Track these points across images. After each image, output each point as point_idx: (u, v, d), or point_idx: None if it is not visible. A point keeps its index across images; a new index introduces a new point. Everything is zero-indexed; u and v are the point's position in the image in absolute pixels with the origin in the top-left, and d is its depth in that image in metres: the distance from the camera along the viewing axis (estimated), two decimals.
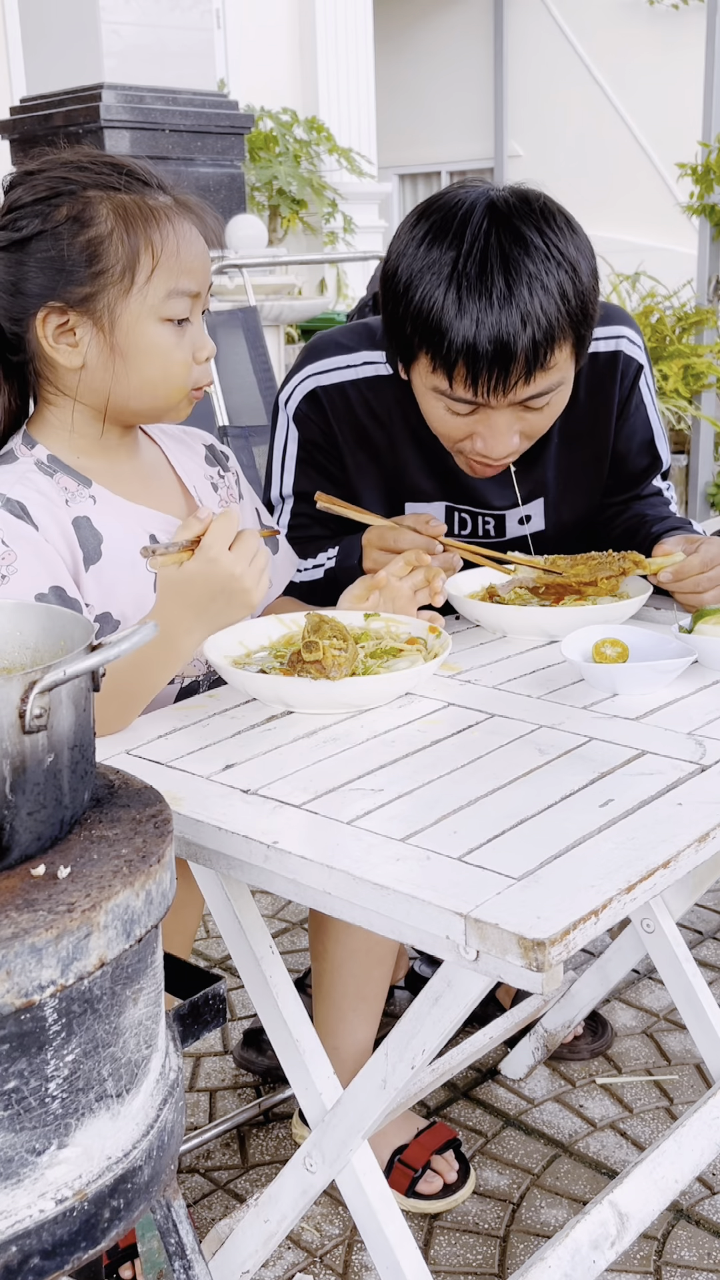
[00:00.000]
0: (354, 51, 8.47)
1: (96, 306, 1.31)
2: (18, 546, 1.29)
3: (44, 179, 1.33)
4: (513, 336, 1.43)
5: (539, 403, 1.51)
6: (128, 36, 4.15)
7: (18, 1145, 0.71)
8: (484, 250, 1.43)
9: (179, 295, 1.34)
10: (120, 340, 1.33)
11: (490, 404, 1.49)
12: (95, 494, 1.39)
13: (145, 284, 1.32)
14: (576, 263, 1.47)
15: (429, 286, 1.45)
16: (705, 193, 5.12)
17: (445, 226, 1.46)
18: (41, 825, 0.79)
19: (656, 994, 2.13)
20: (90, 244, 1.30)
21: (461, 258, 1.44)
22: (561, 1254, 1.23)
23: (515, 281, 1.42)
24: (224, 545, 1.21)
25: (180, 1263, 0.92)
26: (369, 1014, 1.60)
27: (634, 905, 0.92)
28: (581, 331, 1.50)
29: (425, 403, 1.56)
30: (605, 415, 1.78)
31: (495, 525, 1.79)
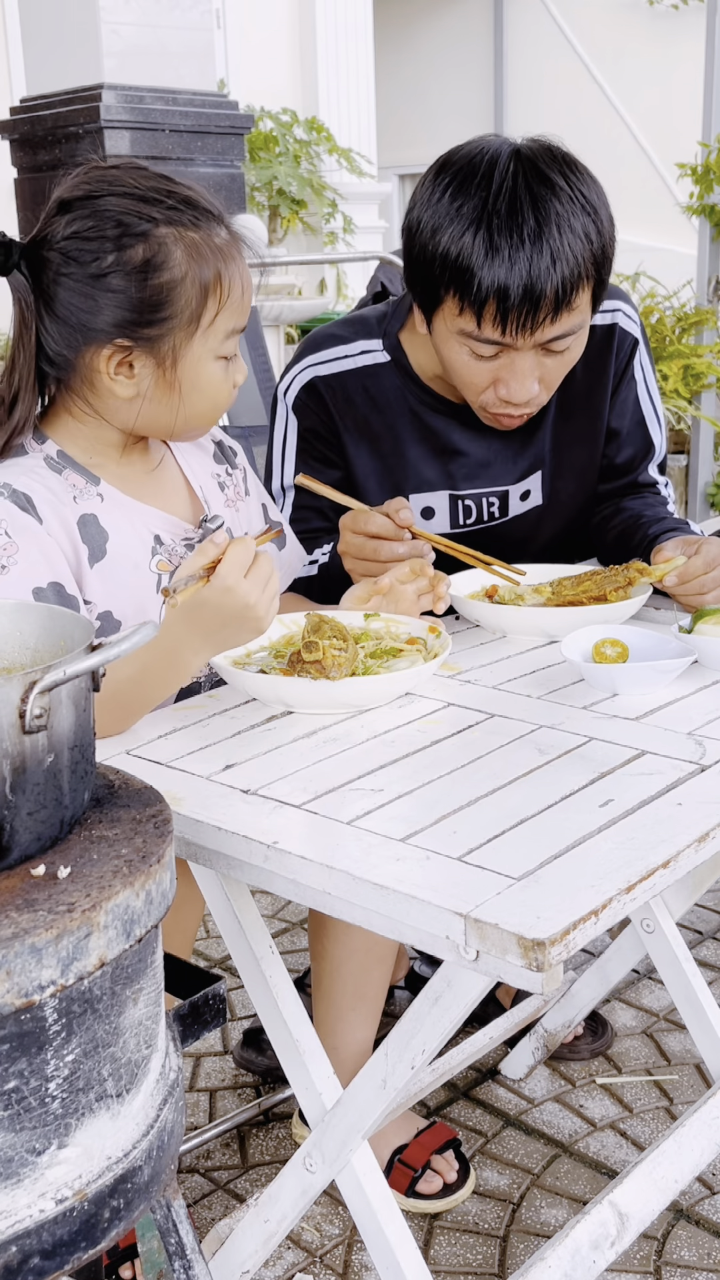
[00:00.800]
0: (354, 51, 8.47)
1: (162, 347, 1.33)
2: (20, 539, 1.29)
3: (114, 207, 1.31)
4: (543, 274, 1.46)
5: (560, 345, 1.54)
6: (128, 37, 4.15)
7: (18, 1145, 0.71)
8: (513, 190, 1.47)
9: (233, 334, 1.37)
10: (179, 378, 1.34)
11: (515, 345, 1.52)
12: (103, 492, 1.39)
13: (209, 326, 1.34)
14: (599, 207, 1.52)
15: (456, 230, 1.48)
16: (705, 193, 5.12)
17: (470, 173, 1.50)
18: (41, 825, 0.79)
19: (656, 994, 2.13)
20: (163, 288, 1.31)
21: (491, 198, 1.47)
22: (561, 1254, 1.23)
23: (544, 221, 1.46)
24: (240, 574, 1.20)
25: (180, 1263, 0.92)
26: (369, 1013, 1.60)
27: (634, 905, 0.92)
28: (601, 275, 1.54)
29: (448, 350, 1.58)
30: (601, 389, 1.80)
31: (500, 506, 1.80)
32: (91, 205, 1.32)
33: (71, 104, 4.20)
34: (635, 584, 1.54)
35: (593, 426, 1.81)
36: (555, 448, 1.79)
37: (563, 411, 1.78)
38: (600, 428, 1.82)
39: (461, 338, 1.54)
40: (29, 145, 4.37)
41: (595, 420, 1.81)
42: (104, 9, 4.12)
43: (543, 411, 1.76)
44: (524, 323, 1.49)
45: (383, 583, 1.45)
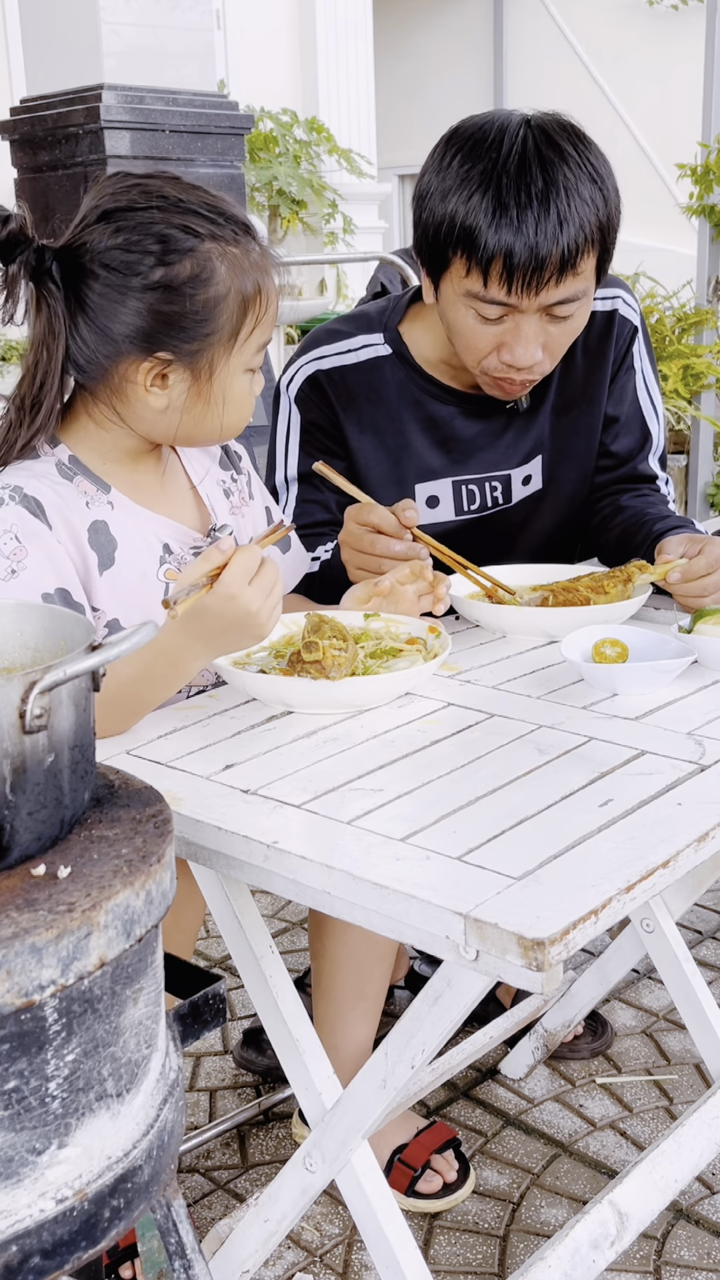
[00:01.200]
0: (354, 51, 8.47)
1: (200, 361, 1.33)
2: (29, 543, 1.30)
3: (158, 220, 1.31)
4: (549, 235, 1.49)
5: (564, 310, 1.57)
6: (128, 37, 4.15)
7: (18, 1145, 0.72)
8: (522, 154, 1.51)
9: (262, 347, 1.38)
10: (213, 390, 1.35)
11: (520, 307, 1.54)
12: (113, 500, 1.39)
13: (245, 341, 1.35)
14: (605, 177, 1.56)
15: (465, 192, 1.52)
16: (705, 193, 5.12)
17: (481, 139, 1.54)
18: (42, 825, 0.79)
19: (656, 994, 2.13)
20: (207, 304, 1.31)
21: (500, 160, 1.51)
22: (561, 1253, 1.23)
23: (552, 184, 1.50)
24: (244, 581, 1.19)
25: (180, 1262, 0.92)
26: (369, 1012, 1.60)
27: (633, 905, 0.92)
28: (606, 243, 1.57)
29: (454, 313, 1.61)
30: (600, 375, 1.81)
31: (503, 491, 1.81)
32: (135, 217, 1.31)
33: (71, 104, 4.20)
34: (635, 581, 1.54)
35: (592, 413, 1.83)
36: (555, 432, 1.81)
37: (562, 395, 1.80)
38: (599, 415, 1.83)
39: (468, 299, 1.57)
40: (29, 145, 4.37)
41: (594, 407, 1.83)
42: (104, 9, 4.12)
43: (542, 394, 1.78)
44: (529, 283, 1.51)
45: (383, 584, 1.45)
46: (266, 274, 1.36)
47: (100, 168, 4.15)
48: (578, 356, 1.79)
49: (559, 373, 1.78)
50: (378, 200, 8.72)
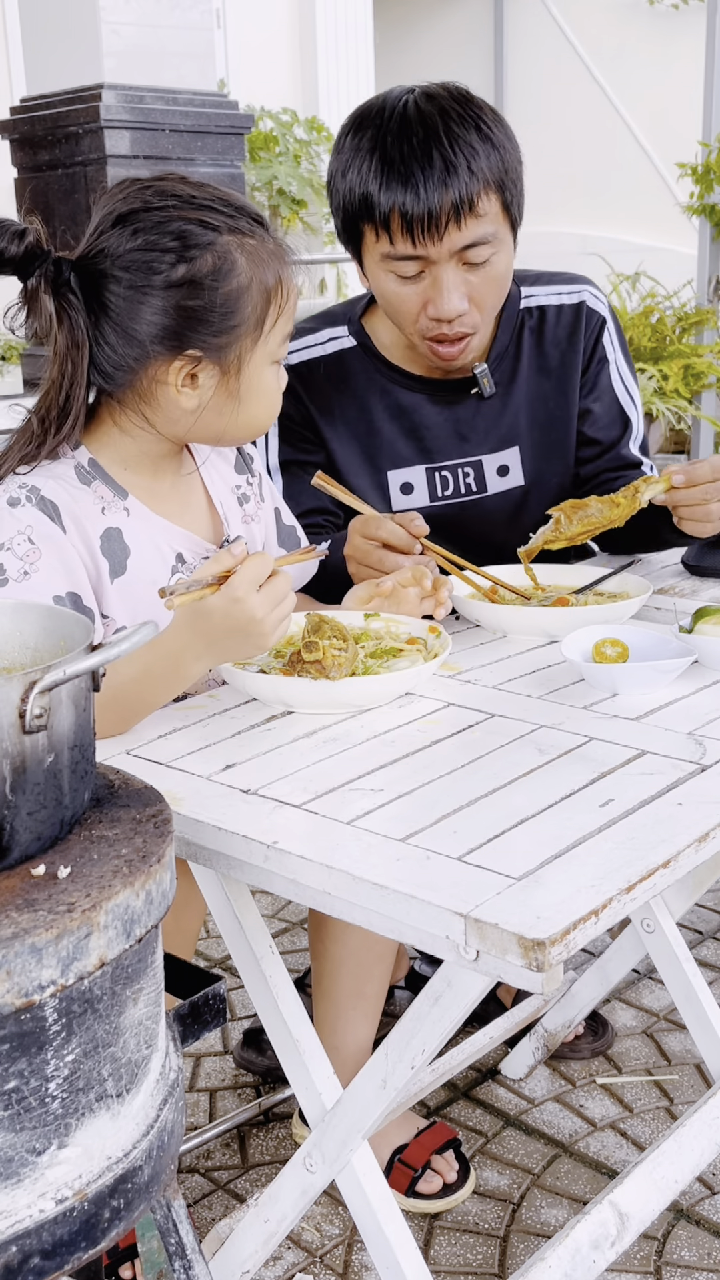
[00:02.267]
0: (354, 51, 8.47)
1: (228, 355, 1.33)
2: (43, 546, 1.30)
3: (175, 218, 1.31)
4: (438, 179, 1.54)
5: (478, 255, 1.60)
6: (128, 36, 4.15)
7: (18, 1145, 0.71)
8: (402, 116, 1.58)
9: (287, 338, 1.38)
10: (241, 385, 1.35)
11: (431, 256, 1.59)
12: (129, 506, 1.39)
13: (270, 331, 1.35)
14: (493, 124, 1.60)
15: (358, 166, 1.60)
16: (705, 193, 5.12)
17: (367, 116, 1.62)
18: (41, 825, 0.79)
19: (656, 994, 2.13)
20: (231, 296, 1.31)
21: (384, 124, 1.58)
22: (562, 1254, 1.23)
23: (433, 134, 1.55)
24: (252, 587, 1.18)
25: (180, 1263, 0.92)
26: (369, 1012, 1.60)
27: (634, 905, 0.92)
28: (506, 190, 1.61)
29: (379, 283, 1.66)
30: (572, 366, 1.85)
31: (475, 478, 1.83)
32: (150, 217, 1.31)
33: (72, 104, 4.20)
34: (641, 490, 1.59)
35: (566, 406, 1.86)
36: (531, 424, 1.83)
37: (534, 385, 1.83)
38: (573, 407, 1.86)
39: (384, 264, 1.62)
40: (29, 145, 4.37)
41: (567, 399, 1.86)
42: (104, 9, 4.12)
43: (512, 383, 1.81)
44: (429, 229, 1.56)
45: (385, 585, 1.46)
46: (285, 264, 1.36)
47: (100, 167, 4.15)
48: (547, 348, 1.83)
49: (528, 362, 1.82)
50: None
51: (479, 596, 1.61)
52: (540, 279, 1.86)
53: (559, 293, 1.85)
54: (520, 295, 1.83)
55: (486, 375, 1.78)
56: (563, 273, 1.90)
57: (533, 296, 1.84)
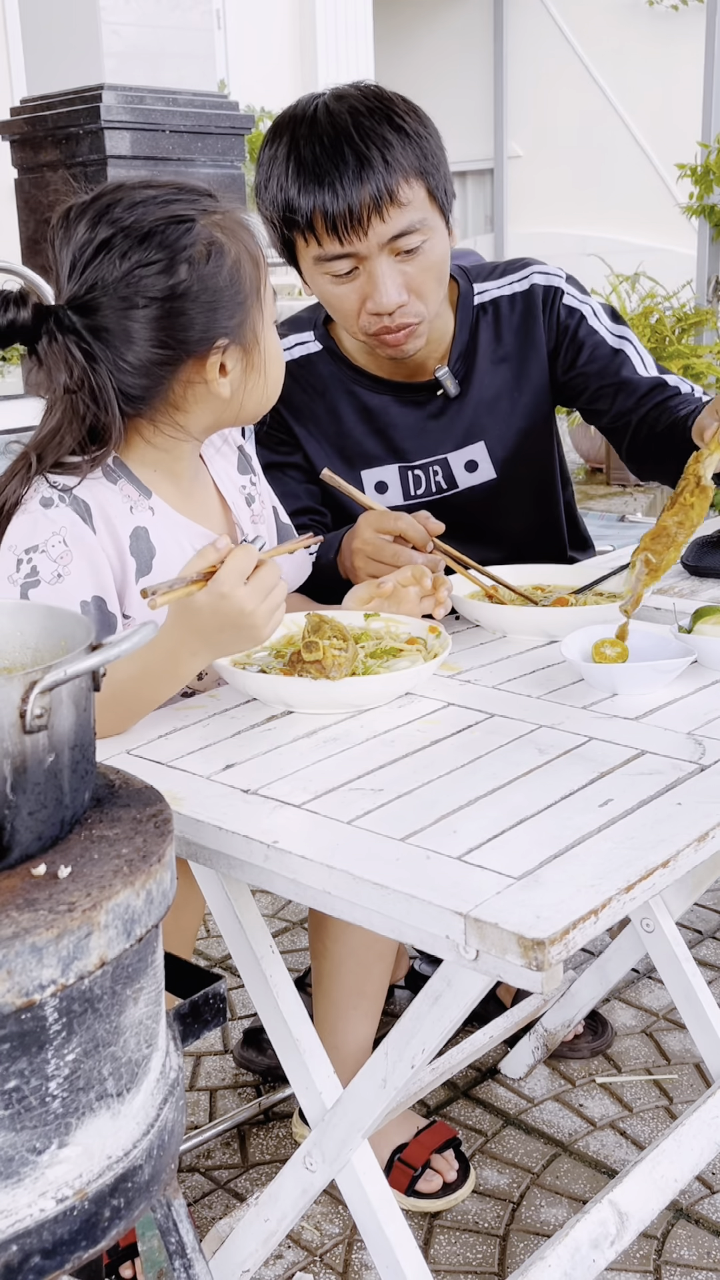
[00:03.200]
0: (354, 51, 8.47)
1: (245, 330, 1.34)
2: (75, 549, 1.30)
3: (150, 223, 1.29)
4: (352, 175, 1.54)
5: (408, 243, 1.60)
6: (128, 37, 4.15)
7: (18, 1144, 0.72)
8: (313, 120, 1.58)
9: (275, 296, 1.39)
10: (260, 356, 1.36)
11: (360, 251, 1.59)
12: (154, 506, 1.39)
13: (265, 293, 1.36)
14: (405, 113, 1.59)
15: (276, 176, 1.60)
16: (704, 193, 5.13)
17: (282, 125, 1.61)
18: (42, 825, 0.79)
19: (656, 993, 2.13)
20: (230, 273, 1.32)
21: (296, 130, 1.58)
22: (561, 1253, 1.23)
23: (343, 133, 1.55)
24: (238, 580, 1.17)
25: (180, 1262, 0.92)
26: (369, 1011, 1.60)
27: (633, 905, 0.92)
28: (429, 174, 1.60)
29: (318, 288, 1.67)
30: (532, 349, 1.84)
31: (444, 475, 1.85)
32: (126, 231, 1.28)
33: (72, 104, 4.20)
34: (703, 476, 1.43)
35: (534, 396, 1.85)
36: (492, 417, 1.84)
37: (492, 378, 1.84)
38: (540, 389, 1.85)
39: (318, 267, 1.62)
40: (29, 145, 4.37)
41: (537, 389, 1.85)
42: (104, 9, 4.12)
43: (470, 380, 1.82)
44: (351, 225, 1.56)
45: (386, 585, 1.46)
46: (245, 228, 1.37)
47: (100, 168, 4.15)
48: (504, 337, 1.83)
49: (485, 356, 1.82)
50: None
51: (479, 596, 1.62)
52: (492, 273, 1.87)
53: (509, 283, 1.85)
54: (474, 293, 1.84)
55: (449, 377, 1.79)
56: (510, 261, 1.90)
57: (485, 292, 1.85)
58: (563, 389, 1.88)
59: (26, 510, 1.31)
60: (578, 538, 2.03)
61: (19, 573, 1.28)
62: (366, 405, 1.81)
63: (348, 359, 1.81)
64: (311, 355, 1.82)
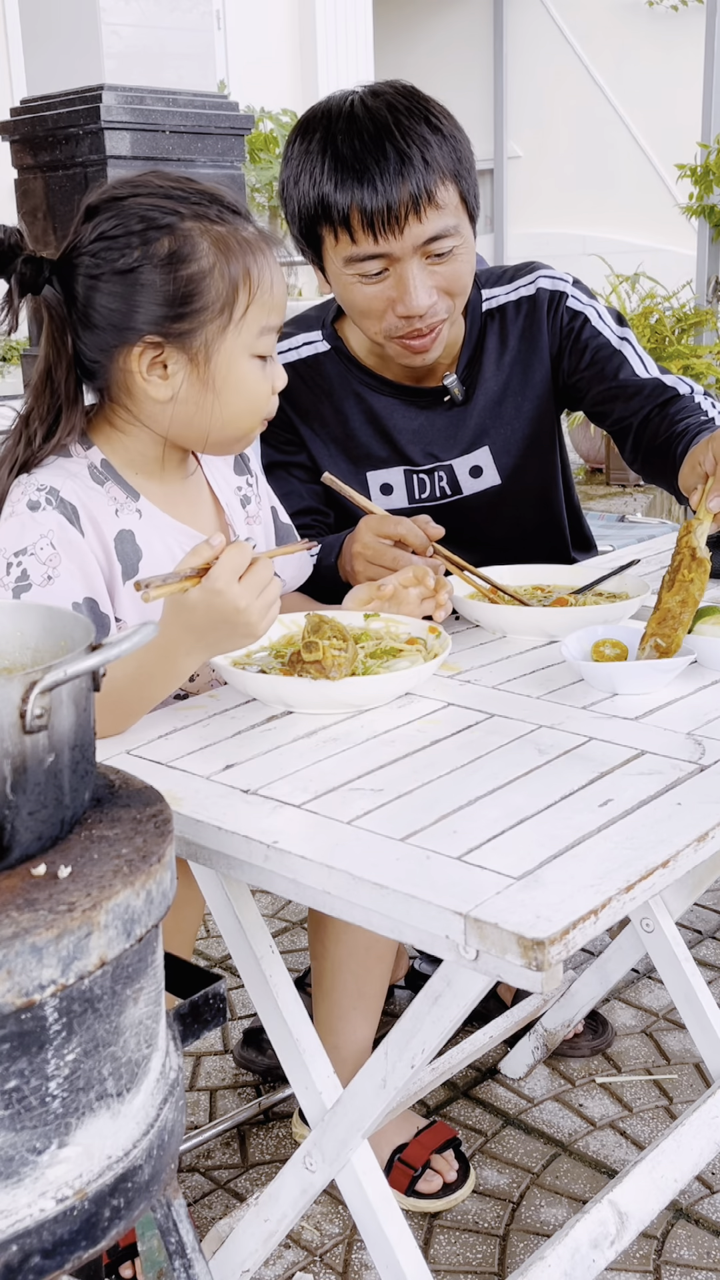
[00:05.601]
0: (354, 51, 8.48)
1: (193, 342, 1.31)
2: (64, 551, 1.30)
3: (137, 207, 1.30)
4: (393, 172, 1.53)
5: (441, 247, 1.59)
6: (128, 38, 4.16)
7: (18, 1144, 0.72)
8: (349, 116, 1.56)
9: (269, 331, 1.35)
10: (214, 375, 1.33)
11: (394, 252, 1.57)
12: (141, 508, 1.39)
13: (241, 320, 1.32)
14: (441, 115, 1.59)
15: (309, 171, 1.57)
16: (704, 194, 5.13)
17: (312, 122, 1.60)
18: (42, 825, 0.79)
19: (656, 993, 2.13)
20: (191, 280, 1.29)
21: (331, 125, 1.56)
22: (561, 1253, 1.23)
23: (384, 129, 1.54)
24: (232, 577, 1.17)
25: (180, 1261, 0.92)
26: (369, 1011, 1.60)
27: (633, 905, 0.92)
28: (462, 179, 1.59)
29: (342, 287, 1.64)
30: (537, 360, 1.84)
31: (449, 481, 1.84)
32: (117, 206, 1.31)
33: (72, 105, 4.20)
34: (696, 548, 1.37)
35: (539, 402, 1.85)
36: (497, 423, 1.83)
37: (496, 384, 1.83)
38: (542, 394, 1.85)
39: (348, 266, 1.60)
40: (29, 146, 4.37)
41: (540, 394, 1.85)
42: (104, 10, 4.12)
43: (477, 386, 1.81)
44: (389, 223, 1.54)
45: (386, 588, 1.46)
46: (261, 254, 1.33)
47: (100, 168, 4.15)
48: (510, 342, 1.83)
49: (490, 362, 1.82)
50: None
51: (479, 597, 1.62)
52: (500, 278, 1.86)
53: (515, 288, 1.85)
54: (482, 299, 1.84)
55: (456, 384, 1.79)
56: (518, 266, 1.89)
57: (494, 298, 1.85)
58: (566, 392, 1.88)
59: (14, 514, 1.31)
60: (581, 539, 2.03)
61: (9, 576, 1.28)
62: (373, 407, 1.80)
63: (356, 360, 1.81)
64: (319, 355, 1.81)
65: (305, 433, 1.81)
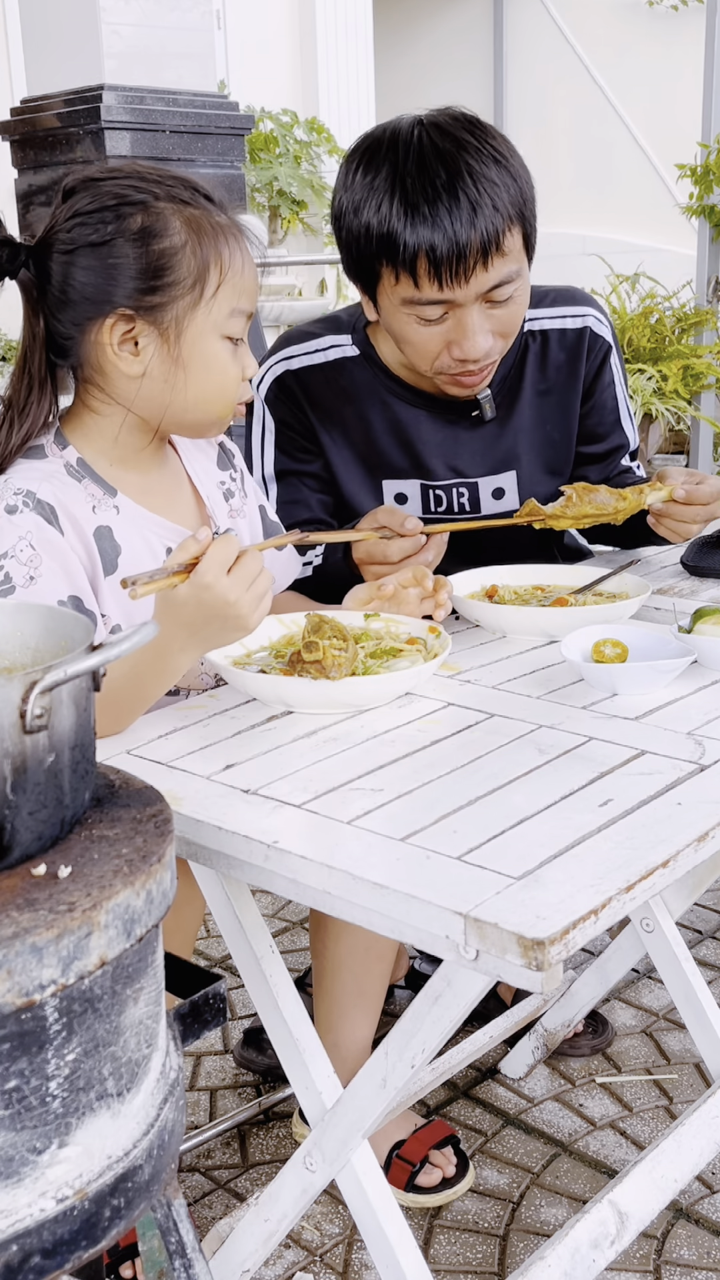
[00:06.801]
0: (354, 51, 8.47)
1: (164, 317, 1.32)
2: (44, 550, 1.30)
3: (112, 187, 1.33)
4: (465, 220, 1.49)
5: (502, 294, 1.57)
6: (128, 37, 4.15)
7: (18, 1144, 0.72)
8: (419, 153, 1.52)
9: (239, 314, 1.36)
10: (183, 352, 1.34)
11: (457, 299, 1.55)
12: (119, 504, 1.39)
13: (212, 298, 1.33)
14: (509, 155, 1.55)
15: (374, 202, 1.53)
16: (704, 193, 5.12)
17: (377, 150, 1.56)
18: (42, 825, 0.79)
19: (656, 993, 2.13)
20: (164, 254, 1.31)
21: (400, 162, 1.52)
22: (561, 1253, 1.23)
23: (455, 173, 1.50)
24: (220, 571, 1.17)
25: (181, 1261, 0.92)
26: (368, 1010, 1.61)
27: (633, 905, 0.92)
28: (526, 221, 1.57)
29: (397, 324, 1.62)
30: (572, 392, 1.84)
31: (470, 498, 1.83)
32: (93, 186, 1.34)
33: (72, 105, 4.20)
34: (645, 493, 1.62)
35: (565, 431, 1.86)
36: (530, 449, 1.83)
37: (536, 410, 1.82)
38: (571, 432, 1.86)
39: (406, 307, 1.58)
40: (29, 146, 4.37)
41: (567, 425, 1.86)
42: (104, 9, 4.12)
43: (514, 407, 1.80)
44: (457, 273, 1.52)
45: (386, 587, 1.46)
46: (233, 239, 1.35)
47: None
48: (549, 371, 1.81)
49: (530, 386, 1.81)
50: None
51: (479, 597, 1.62)
52: (544, 299, 1.83)
53: (562, 315, 1.83)
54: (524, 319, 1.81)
55: (489, 400, 1.77)
56: (566, 292, 1.87)
57: (537, 320, 1.82)
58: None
59: None
60: (572, 552, 2.02)
61: None
62: (399, 418, 1.78)
63: (385, 368, 1.78)
64: (347, 359, 1.79)
65: (324, 438, 1.79)
